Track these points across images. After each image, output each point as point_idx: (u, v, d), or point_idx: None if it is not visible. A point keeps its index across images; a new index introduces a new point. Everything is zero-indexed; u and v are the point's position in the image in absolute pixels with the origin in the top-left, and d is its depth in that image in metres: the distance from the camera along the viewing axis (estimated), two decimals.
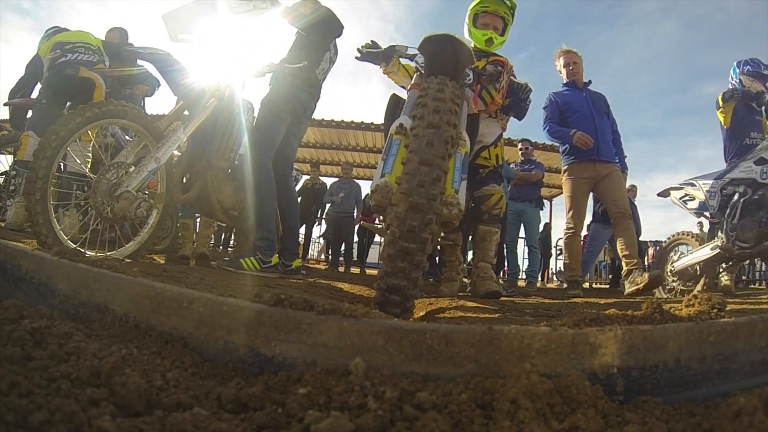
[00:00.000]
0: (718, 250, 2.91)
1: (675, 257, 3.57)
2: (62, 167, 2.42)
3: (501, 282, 3.80)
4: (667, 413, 0.53)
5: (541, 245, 5.83)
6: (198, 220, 3.12)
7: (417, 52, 1.92)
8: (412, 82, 1.87)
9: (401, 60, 2.28)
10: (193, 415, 0.44)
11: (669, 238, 3.85)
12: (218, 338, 0.62)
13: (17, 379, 0.44)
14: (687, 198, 3.27)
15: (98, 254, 1.85)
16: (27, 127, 3.13)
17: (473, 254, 2.75)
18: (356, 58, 2.24)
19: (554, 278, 9.77)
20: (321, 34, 2.60)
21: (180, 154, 2.63)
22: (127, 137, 3.07)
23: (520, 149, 5.18)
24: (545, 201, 8.04)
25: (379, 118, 8.46)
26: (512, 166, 4.83)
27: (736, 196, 2.89)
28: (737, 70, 3.31)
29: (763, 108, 3.09)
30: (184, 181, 2.59)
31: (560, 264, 10.38)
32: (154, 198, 2.16)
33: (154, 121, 2.15)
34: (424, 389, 0.50)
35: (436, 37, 1.57)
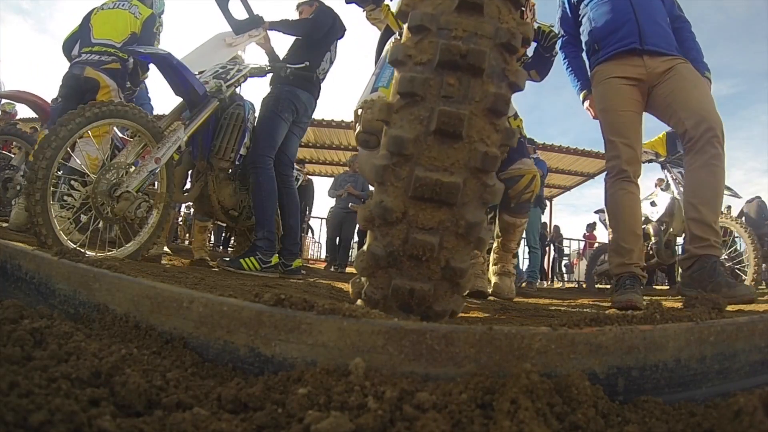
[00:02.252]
0: None
1: (599, 262, 4.86)
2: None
3: None
4: (667, 413, 0.53)
5: (540, 244, 5.81)
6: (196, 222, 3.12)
7: None
8: None
9: (392, 8, 1.95)
10: (193, 415, 0.44)
11: (600, 244, 5.51)
12: (218, 338, 0.62)
13: (17, 379, 0.44)
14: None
15: (98, 254, 1.86)
16: (46, 126, 3.19)
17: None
18: None
19: (555, 278, 9.75)
20: (323, 34, 2.63)
21: (180, 154, 2.64)
22: (120, 134, 3.08)
23: None
24: (546, 201, 8.03)
25: None
26: None
27: None
28: None
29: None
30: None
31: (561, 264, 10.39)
32: (154, 198, 2.16)
33: (155, 121, 2.15)
34: (424, 389, 0.50)
35: None
